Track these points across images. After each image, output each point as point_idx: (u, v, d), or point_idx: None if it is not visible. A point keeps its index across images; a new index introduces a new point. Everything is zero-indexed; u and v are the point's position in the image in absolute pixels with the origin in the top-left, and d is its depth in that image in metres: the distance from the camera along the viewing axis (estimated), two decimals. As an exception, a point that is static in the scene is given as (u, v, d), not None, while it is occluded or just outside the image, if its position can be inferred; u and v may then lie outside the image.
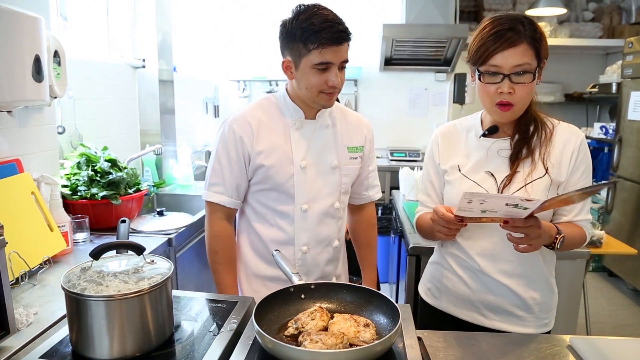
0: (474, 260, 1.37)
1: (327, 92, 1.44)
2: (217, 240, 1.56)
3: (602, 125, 4.53)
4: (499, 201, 1.11)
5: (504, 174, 1.33)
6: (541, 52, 1.25)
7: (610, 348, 1.15)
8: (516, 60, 1.21)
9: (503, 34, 1.22)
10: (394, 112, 4.88)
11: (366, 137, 1.67)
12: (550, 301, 1.43)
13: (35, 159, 1.94)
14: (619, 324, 3.48)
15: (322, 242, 1.59)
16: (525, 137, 1.34)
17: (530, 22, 1.25)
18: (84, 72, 2.53)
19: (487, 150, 1.37)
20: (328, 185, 1.57)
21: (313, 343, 0.95)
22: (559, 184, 1.32)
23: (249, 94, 4.91)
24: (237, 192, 1.55)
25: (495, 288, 1.37)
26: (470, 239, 1.38)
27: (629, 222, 3.91)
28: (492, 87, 1.26)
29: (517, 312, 1.38)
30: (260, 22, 4.63)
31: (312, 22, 1.36)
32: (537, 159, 1.32)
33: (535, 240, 1.20)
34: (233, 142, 1.51)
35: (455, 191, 1.38)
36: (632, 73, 3.90)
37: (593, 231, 2.56)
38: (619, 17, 4.91)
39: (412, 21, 4.24)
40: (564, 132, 1.35)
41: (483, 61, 1.25)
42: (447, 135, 1.47)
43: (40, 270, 1.58)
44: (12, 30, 1.56)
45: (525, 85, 1.24)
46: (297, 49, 1.40)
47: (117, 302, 0.96)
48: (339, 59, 1.41)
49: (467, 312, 1.42)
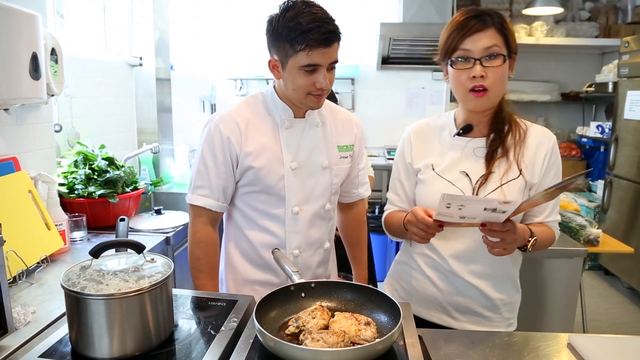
0: (445, 261, 1.37)
1: (315, 93, 1.38)
2: (200, 246, 1.49)
3: (598, 124, 4.54)
4: (478, 205, 1.10)
5: (479, 173, 1.33)
6: (510, 42, 1.26)
7: (610, 346, 1.15)
8: (485, 42, 1.23)
9: (470, 21, 1.25)
10: (391, 111, 4.88)
11: (356, 135, 1.63)
12: (516, 301, 1.44)
13: (32, 157, 1.93)
14: (615, 322, 3.50)
15: (314, 244, 1.56)
16: (500, 135, 1.34)
17: (500, 15, 1.27)
18: (80, 70, 2.52)
19: (462, 149, 1.36)
20: (319, 187, 1.53)
21: (314, 342, 0.94)
22: (532, 185, 1.33)
23: (245, 92, 4.89)
24: (224, 196, 1.49)
25: (465, 289, 1.37)
26: (442, 239, 1.36)
27: (624, 221, 3.93)
28: (464, 73, 1.27)
29: (485, 312, 1.39)
30: (257, 20, 4.61)
31: (299, 22, 1.29)
32: (512, 160, 1.32)
33: (511, 244, 1.21)
34: (220, 142, 1.44)
35: (428, 190, 1.37)
36: (628, 72, 3.91)
37: (590, 230, 2.57)
38: (615, 17, 4.92)
39: (409, 20, 4.24)
40: (537, 134, 1.36)
41: (453, 49, 1.27)
42: (421, 133, 1.45)
43: (38, 269, 1.57)
44: (10, 27, 1.55)
45: (496, 69, 1.25)
46: (284, 49, 1.33)
47: (117, 300, 0.95)
48: (328, 60, 1.34)
49: (435, 314, 1.42)
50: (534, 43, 4.73)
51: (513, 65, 1.31)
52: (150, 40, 3.00)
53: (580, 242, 2.49)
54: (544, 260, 2.23)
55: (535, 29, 4.74)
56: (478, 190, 1.31)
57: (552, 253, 2.22)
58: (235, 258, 1.57)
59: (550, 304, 2.27)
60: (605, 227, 4.00)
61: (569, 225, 2.61)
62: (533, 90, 4.97)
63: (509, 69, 1.30)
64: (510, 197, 1.28)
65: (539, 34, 4.73)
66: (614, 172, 4.07)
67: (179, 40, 3.71)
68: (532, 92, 4.96)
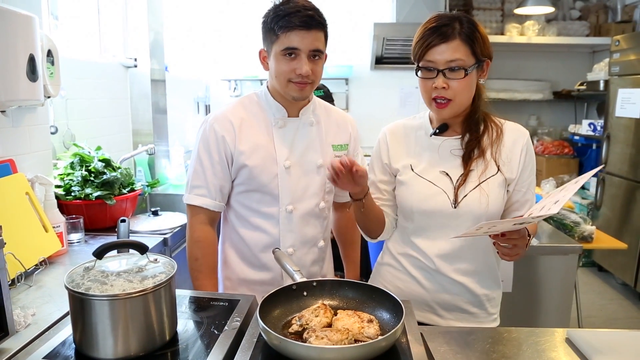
0: (431, 261, 1.37)
1: (296, 81, 1.39)
2: (198, 246, 1.50)
3: (590, 122, 4.59)
4: (508, 224, 1.12)
5: (459, 172, 1.34)
6: (477, 50, 1.26)
7: (608, 340, 1.16)
8: (448, 55, 1.24)
9: (438, 29, 1.25)
10: (385, 111, 4.89)
11: (351, 135, 1.64)
12: (498, 296, 1.46)
13: (29, 159, 1.92)
14: (610, 318, 3.53)
15: (308, 243, 1.56)
16: (476, 136, 1.35)
17: (470, 21, 1.27)
18: (75, 71, 2.50)
19: (438, 148, 1.37)
20: (313, 185, 1.54)
21: (319, 339, 0.95)
22: (511, 181, 1.35)
23: (239, 93, 4.88)
24: (221, 194, 1.50)
25: (451, 287, 1.38)
26: (428, 239, 1.38)
27: (617, 218, 3.97)
28: (428, 82, 1.28)
29: (471, 309, 1.40)
30: (250, 21, 4.61)
31: (282, 8, 1.35)
32: (489, 158, 1.34)
33: (522, 249, 1.23)
34: (215, 142, 1.46)
35: (410, 191, 1.37)
36: (619, 71, 3.96)
37: (584, 226, 2.60)
38: (605, 16, 4.98)
39: (402, 20, 4.26)
40: (512, 131, 1.38)
41: (420, 56, 1.28)
42: (396, 133, 1.46)
43: (36, 272, 1.56)
44: (7, 29, 1.54)
45: (459, 81, 1.26)
46: (269, 37, 1.39)
47: (121, 301, 0.95)
48: (307, 46, 1.36)
49: (422, 313, 1.42)
50: (525, 42, 4.78)
51: (486, 69, 1.32)
52: (144, 42, 2.99)
53: (575, 239, 2.51)
54: (539, 257, 2.25)
55: (527, 28, 4.78)
56: (458, 189, 1.33)
57: (548, 250, 2.24)
58: (231, 258, 1.58)
59: (546, 301, 2.29)
60: (598, 223, 4.04)
61: (564, 222, 2.64)
62: (525, 88, 5.01)
63: (479, 76, 1.31)
64: (490, 194, 1.31)
65: (530, 33, 4.77)
66: (606, 170, 4.11)
67: (173, 42, 3.70)
68: (524, 90, 5.00)
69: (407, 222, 1.42)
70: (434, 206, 1.34)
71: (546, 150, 4.83)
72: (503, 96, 4.94)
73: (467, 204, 1.31)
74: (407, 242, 1.42)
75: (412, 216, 1.38)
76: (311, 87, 1.44)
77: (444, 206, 1.33)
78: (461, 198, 1.32)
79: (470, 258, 1.36)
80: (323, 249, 1.63)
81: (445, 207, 1.33)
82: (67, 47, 2.55)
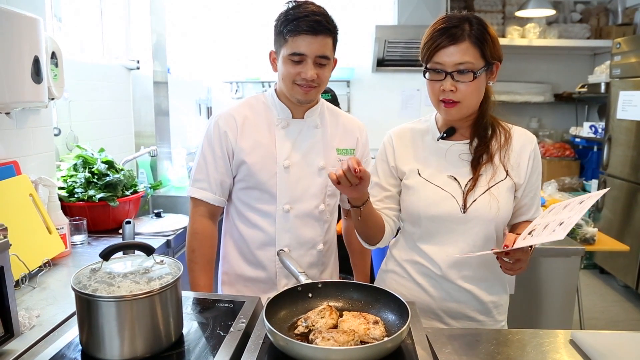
0: (438, 267, 1.35)
1: (300, 83, 1.42)
2: (195, 237, 1.53)
3: (591, 124, 4.59)
4: None
5: (467, 177, 1.33)
6: (487, 52, 1.24)
7: (612, 342, 1.16)
8: (458, 58, 1.22)
9: (447, 30, 1.23)
10: (387, 113, 4.89)
11: (358, 140, 1.64)
12: (505, 302, 1.44)
13: (32, 161, 1.92)
14: (612, 320, 3.53)
15: (305, 244, 1.56)
16: (484, 141, 1.34)
17: (480, 22, 1.25)
18: (78, 73, 2.51)
19: (446, 153, 1.36)
20: (313, 187, 1.54)
21: (325, 341, 0.95)
22: (519, 186, 1.34)
23: (241, 95, 4.89)
24: (222, 189, 1.53)
25: (458, 294, 1.36)
26: (434, 245, 1.36)
27: (618, 220, 3.97)
28: (436, 84, 1.27)
29: (478, 316, 1.38)
30: (252, 23, 4.63)
31: (292, 13, 1.38)
32: (498, 163, 1.33)
33: (525, 262, 1.23)
34: (217, 137, 1.50)
35: (418, 197, 1.35)
36: (620, 73, 3.97)
37: (586, 228, 2.60)
38: (605, 18, 4.99)
39: (404, 22, 4.26)
40: (520, 137, 1.37)
41: (429, 57, 1.26)
42: (403, 137, 1.43)
43: (40, 273, 1.57)
44: (12, 31, 1.55)
45: (467, 83, 1.24)
46: (279, 40, 1.42)
47: (128, 302, 0.95)
48: (314, 51, 1.38)
49: (428, 321, 1.39)
50: (526, 45, 4.79)
51: (496, 71, 1.30)
52: (147, 44, 3.00)
53: (577, 241, 2.51)
54: (542, 259, 2.25)
55: (528, 30, 4.79)
56: (467, 194, 1.31)
57: (550, 252, 2.24)
58: (232, 253, 1.60)
59: (549, 303, 2.29)
60: (599, 226, 4.03)
61: (566, 224, 2.63)
62: (526, 91, 5.02)
63: (488, 78, 1.29)
64: (500, 198, 1.30)
65: (531, 35, 4.78)
66: (607, 172, 4.11)
67: (175, 44, 3.71)
68: (525, 93, 5.01)
69: (414, 227, 1.39)
70: (443, 211, 1.32)
71: (547, 152, 4.83)
72: (504, 98, 4.95)
73: (477, 209, 1.30)
74: (414, 248, 1.40)
75: (420, 222, 1.36)
76: (316, 91, 1.46)
77: (453, 211, 1.31)
78: (470, 203, 1.30)
79: (477, 265, 1.34)
80: (323, 253, 1.61)
81: (454, 212, 1.31)
82: (70, 49, 2.55)
